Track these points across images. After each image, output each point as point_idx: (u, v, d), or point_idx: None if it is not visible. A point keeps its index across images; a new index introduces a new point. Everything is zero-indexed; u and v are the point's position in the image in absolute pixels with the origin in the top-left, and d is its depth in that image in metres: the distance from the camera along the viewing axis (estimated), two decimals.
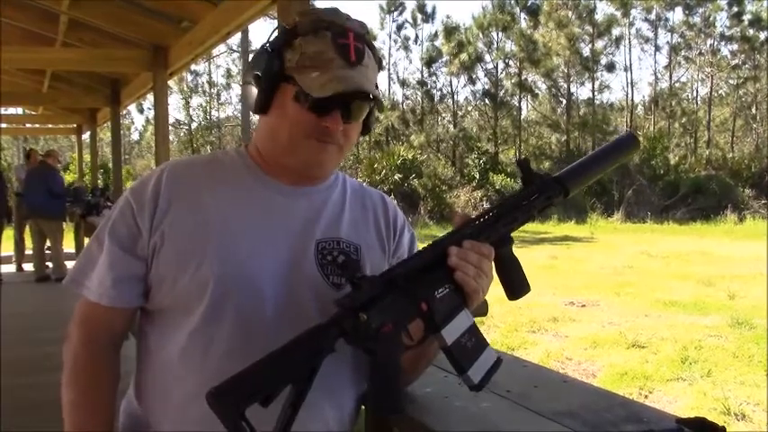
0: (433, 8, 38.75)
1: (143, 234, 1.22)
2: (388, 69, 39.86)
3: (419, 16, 38.46)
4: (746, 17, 32.81)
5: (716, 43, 34.42)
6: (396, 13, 38.95)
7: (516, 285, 1.25)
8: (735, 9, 33.00)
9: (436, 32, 38.57)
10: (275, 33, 1.25)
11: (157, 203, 1.22)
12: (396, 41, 39.42)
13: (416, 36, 39.46)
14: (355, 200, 1.39)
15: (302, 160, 1.25)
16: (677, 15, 35.14)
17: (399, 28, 39.20)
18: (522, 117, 36.16)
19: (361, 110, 1.23)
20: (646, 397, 5.08)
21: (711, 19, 33.77)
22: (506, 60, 35.74)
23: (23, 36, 7.77)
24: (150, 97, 7.81)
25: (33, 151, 10.76)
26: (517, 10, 35.76)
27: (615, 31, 34.93)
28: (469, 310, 1.19)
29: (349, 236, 1.31)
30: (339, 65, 1.18)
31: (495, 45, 35.97)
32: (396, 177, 25.78)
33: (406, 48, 39.42)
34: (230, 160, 1.33)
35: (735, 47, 34.03)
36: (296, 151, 1.23)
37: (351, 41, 1.19)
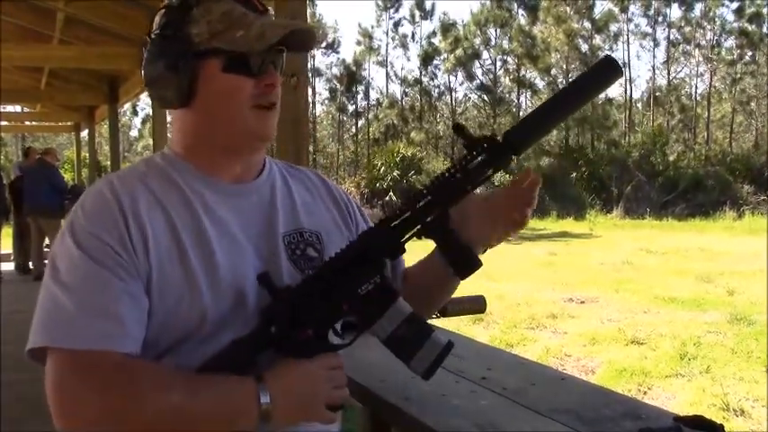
0: (433, 5, 38.66)
1: (139, 266, 1.06)
2: (386, 66, 39.86)
3: (417, 13, 38.45)
4: (748, 11, 32.74)
5: (715, 38, 34.41)
6: (392, 10, 38.94)
7: (463, 264, 1.15)
8: (736, 4, 32.97)
9: (434, 30, 38.63)
10: (157, 20, 1.14)
11: (130, 233, 1.06)
12: (393, 39, 39.44)
13: (413, 33, 39.42)
14: (298, 184, 1.31)
15: (249, 133, 1.15)
16: (675, 11, 35.13)
17: (396, 25, 39.21)
18: (521, 114, 36.17)
19: (282, 60, 1.17)
20: (645, 393, 5.08)
21: (711, 14, 33.73)
22: (504, 56, 35.76)
23: (21, 33, 7.78)
24: (143, 97, 7.81)
25: (32, 149, 10.75)
26: (515, 6, 35.77)
27: (613, 27, 34.96)
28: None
29: (308, 224, 1.24)
30: (253, 17, 1.11)
31: (494, 41, 36.01)
32: (395, 174, 25.78)
33: (404, 45, 39.42)
34: (166, 167, 1.18)
35: (734, 42, 34.03)
36: (242, 126, 1.13)
37: None
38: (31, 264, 9.75)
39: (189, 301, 1.07)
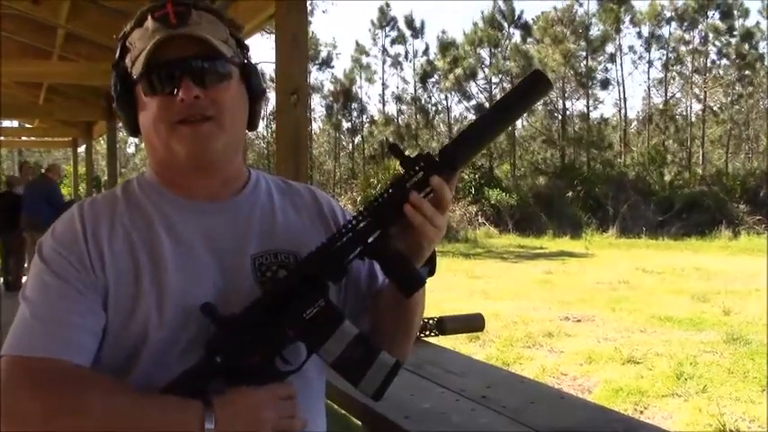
0: (422, 23, 38.81)
1: (97, 283, 1.10)
2: (382, 84, 40.05)
3: (407, 32, 38.73)
4: (737, 32, 33.01)
5: (709, 60, 34.66)
6: (388, 29, 39.18)
7: (405, 283, 1.13)
8: (726, 24, 33.21)
9: (426, 48, 38.89)
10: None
11: (89, 252, 1.11)
12: (388, 56, 39.64)
13: (407, 52, 39.58)
14: (284, 201, 1.28)
15: (185, 152, 1.12)
16: (672, 30, 35.35)
17: (393, 43, 39.43)
18: (517, 133, 36.32)
19: (211, 70, 1.11)
20: (641, 413, 5.07)
21: (705, 35, 33.98)
22: (500, 76, 35.95)
23: (21, 49, 7.81)
24: None
25: (26, 164, 10.73)
26: (506, 25, 36.01)
27: (609, 48, 35.20)
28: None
29: (286, 245, 1.21)
30: (160, 33, 1.10)
31: (489, 61, 36.23)
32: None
33: (399, 63, 39.62)
34: (140, 189, 1.22)
35: (728, 62, 34.25)
36: (174, 147, 1.12)
37: (168, 9, 1.11)
38: (25, 279, 9.71)
39: (136, 317, 1.09)
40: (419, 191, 1.10)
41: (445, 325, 2.70)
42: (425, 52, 38.64)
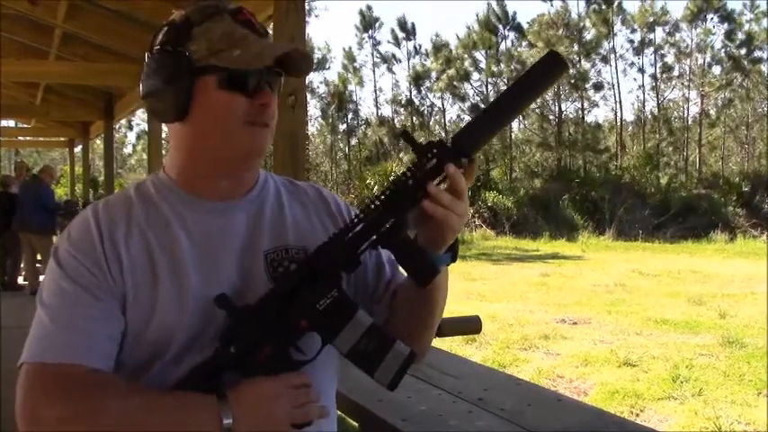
0: (413, 25, 38.89)
1: (115, 287, 1.10)
2: (374, 86, 40.12)
3: (400, 34, 38.77)
4: (739, 35, 33.14)
5: (705, 63, 34.74)
6: (372, 31, 39.21)
7: (420, 272, 1.11)
8: (726, 26, 33.34)
9: (416, 48, 38.92)
10: (160, 37, 1.17)
11: (106, 256, 1.11)
12: (377, 59, 39.72)
13: (402, 53, 39.64)
14: (292, 200, 1.30)
15: (240, 149, 1.15)
16: (664, 35, 35.45)
17: (376, 45, 39.56)
18: (512, 136, 36.37)
19: (280, 83, 1.19)
20: (637, 416, 5.08)
21: (701, 38, 34.09)
22: (494, 79, 35.99)
23: (18, 49, 7.80)
24: (139, 113, 7.83)
25: (22, 164, 10.69)
26: (500, 27, 36.07)
27: (603, 51, 35.27)
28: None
29: (296, 240, 1.23)
30: (254, 39, 1.13)
31: (484, 63, 36.28)
32: None
33: (388, 63, 39.64)
34: (155, 190, 1.22)
35: (724, 65, 34.33)
36: (233, 142, 1.14)
37: (250, 17, 1.16)
38: (23, 279, 9.72)
39: (156, 320, 1.09)
40: (432, 178, 1.09)
41: (442, 327, 2.70)
42: (416, 52, 38.79)
